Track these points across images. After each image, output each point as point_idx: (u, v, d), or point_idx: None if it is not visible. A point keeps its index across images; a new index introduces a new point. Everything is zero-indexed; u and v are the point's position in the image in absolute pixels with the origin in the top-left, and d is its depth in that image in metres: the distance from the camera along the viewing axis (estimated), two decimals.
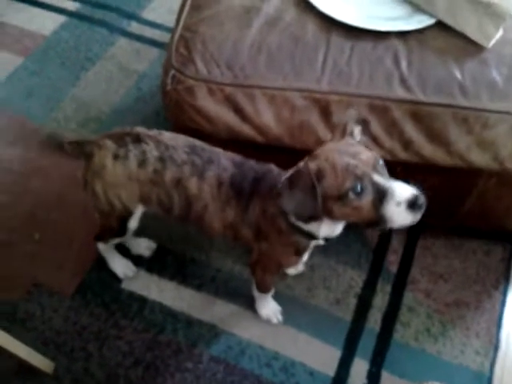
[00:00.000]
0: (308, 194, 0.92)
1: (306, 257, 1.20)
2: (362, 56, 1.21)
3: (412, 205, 0.88)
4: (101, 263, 1.50)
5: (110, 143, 1.16)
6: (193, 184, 1.13)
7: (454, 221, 1.45)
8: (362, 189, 0.90)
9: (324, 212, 0.96)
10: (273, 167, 1.15)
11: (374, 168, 0.92)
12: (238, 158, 1.16)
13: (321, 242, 1.14)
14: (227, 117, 1.23)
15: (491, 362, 1.38)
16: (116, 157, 1.15)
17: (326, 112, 1.20)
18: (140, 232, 1.37)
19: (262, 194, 1.11)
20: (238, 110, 1.22)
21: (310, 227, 1.06)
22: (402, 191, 0.89)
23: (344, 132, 1.00)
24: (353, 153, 0.93)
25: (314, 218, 1.00)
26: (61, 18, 2.15)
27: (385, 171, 0.95)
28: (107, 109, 1.87)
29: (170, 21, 1.53)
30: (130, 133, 1.17)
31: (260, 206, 1.11)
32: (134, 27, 2.12)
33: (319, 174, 0.92)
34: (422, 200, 0.89)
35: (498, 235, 1.56)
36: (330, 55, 1.21)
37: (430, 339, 1.41)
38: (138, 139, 1.15)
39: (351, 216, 0.95)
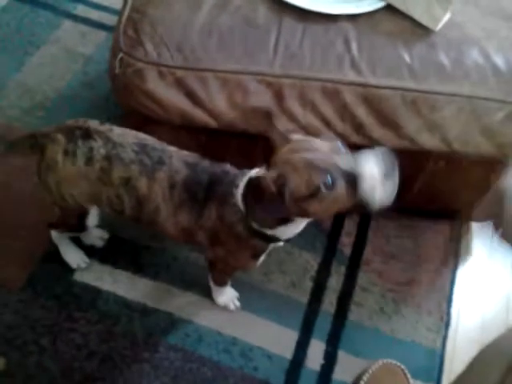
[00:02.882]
0: (276, 203, 0.89)
1: (262, 259, 1.18)
2: (313, 39, 1.20)
3: (386, 173, 0.85)
4: (51, 254, 1.45)
5: (61, 137, 1.10)
6: (142, 184, 1.09)
7: (405, 202, 1.47)
8: (332, 180, 0.86)
9: (299, 214, 0.94)
10: (228, 168, 1.11)
11: (335, 152, 0.89)
12: (191, 158, 1.12)
13: (280, 244, 1.12)
14: (179, 101, 1.20)
15: (443, 338, 1.43)
16: (66, 152, 1.10)
17: (279, 96, 1.19)
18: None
19: (219, 199, 1.06)
20: (190, 94, 1.20)
21: (276, 231, 1.03)
22: (371, 167, 0.86)
23: (286, 138, 0.95)
24: (308, 147, 0.90)
25: (285, 221, 0.97)
26: (2, 1, 2.03)
27: (345, 149, 0.92)
28: (53, 95, 1.80)
29: (116, 3, 1.47)
30: (81, 126, 1.11)
31: (216, 212, 1.07)
32: (80, 9, 2.03)
33: (280, 180, 0.89)
34: (392, 160, 0.85)
35: (447, 215, 1.61)
36: (281, 38, 1.20)
37: (384, 318, 1.45)
38: (87, 134, 1.10)
39: (331, 209, 0.92)
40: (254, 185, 0.93)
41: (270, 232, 1.03)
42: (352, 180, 0.87)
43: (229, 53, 1.18)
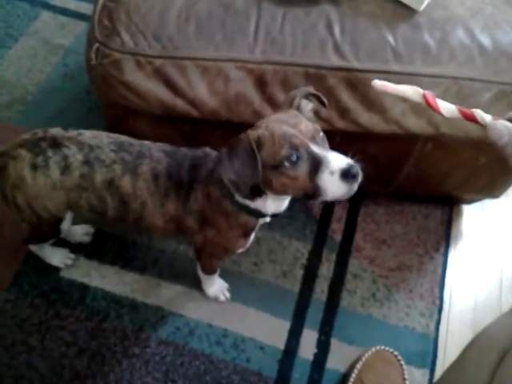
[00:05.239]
0: (248, 161, 0.89)
1: (252, 238, 1.17)
2: (294, 23, 1.17)
3: (346, 175, 0.87)
4: None
5: (24, 152, 1.05)
6: (126, 182, 1.07)
7: (394, 187, 1.46)
8: (297, 158, 0.88)
9: (263, 183, 0.94)
10: (208, 150, 1.10)
11: (313, 139, 0.91)
12: (168, 147, 1.11)
13: (267, 220, 1.12)
14: (159, 91, 1.17)
15: (436, 322, 1.42)
16: (34, 167, 1.05)
17: (261, 82, 1.16)
18: (74, 220, 1.30)
19: (203, 179, 1.06)
20: (170, 84, 1.16)
21: (257, 204, 1.03)
22: (337, 161, 0.88)
23: (291, 105, 0.97)
24: (293, 123, 0.91)
25: (258, 192, 0.98)
26: None
27: (325, 144, 0.94)
28: (33, 88, 1.76)
29: None
30: (45, 137, 1.07)
31: (203, 193, 1.07)
32: (58, 0, 1.98)
33: (258, 142, 0.90)
34: (357, 170, 0.87)
35: (436, 199, 1.60)
36: (262, 23, 1.16)
37: (376, 304, 1.44)
38: (55, 143, 1.06)
39: (288, 187, 0.93)
40: (233, 141, 0.92)
41: (253, 205, 1.03)
42: (315, 165, 0.89)
43: (208, 40, 1.15)
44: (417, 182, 1.46)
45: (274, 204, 1.05)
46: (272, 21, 1.17)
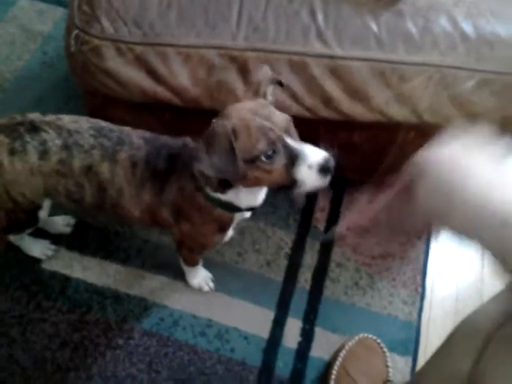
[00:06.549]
0: (227, 156, 0.87)
1: (230, 233, 1.15)
2: (277, 10, 1.15)
3: (322, 168, 0.87)
4: None
5: (1, 137, 1.03)
6: (105, 169, 1.04)
7: (377, 176, 1.46)
8: (274, 152, 0.87)
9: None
10: (188, 141, 1.08)
11: (287, 131, 0.90)
12: (148, 134, 1.09)
13: (246, 215, 1.10)
14: (140, 79, 1.15)
15: (418, 310, 1.43)
16: (12, 152, 1.02)
17: (243, 70, 1.15)
18: (55, 210, 1.28)
19: (179, 171, 1.04)
20: (151, 71, 1.14)
21: (229, 197, 1.01)
22: (314, 155, 0.88)
23: (257, 91, 0.95)
24: (266, 115, 0.89)
25: (227, 185, 0.96)
26: None
27: (295, 134, 0.93)
28: (11, 76, 1.72)
29: None
30: (23, 122, 1.04)
31: (177, 185, 1.04)
32: None
33: (234, 134, 0.87)
34: (332, 163, 0.88)
35: None
36: (244, 10, 1.15)
37: (359, 292, 1.45)
38: (34, 128, 1.03)
39: (264, 180, 0.92)
40: (209, 133, 0.89)
41: (224, 198, 1.01)
42: (292, 159, 0.88)
43: (190, 26, 1.13)
44: (399, 170, 1.46)
45: (248, 197, 1.02)
46: (255, 8, 1.15)
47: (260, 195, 1.05)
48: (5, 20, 1.85)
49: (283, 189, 0.94)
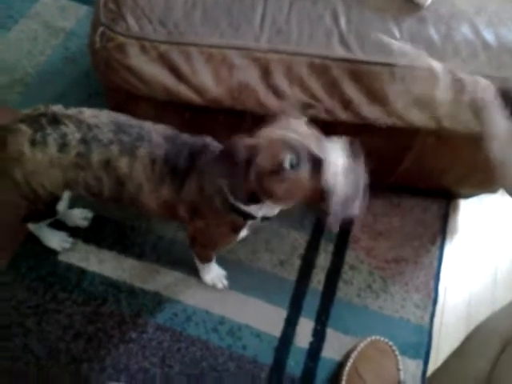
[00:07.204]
0: (239, 168, 0.87)
1: (243, 233, 1.16)
2: (301, 13, 1.17)
3: (349, 166, 0.86)
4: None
5: (24, 127, 1.05)
6: (123, 164, 1.06)
7: (393, 180, 1.47)
8: (297, 160, 0.85)
9: (264, 194, 0.92)
10: (208, 141, 1.09)
11: (311, 141, 0.88)
12: (169, 131, 1.10)
13: (258, 222, 1.11)
14: (162, 76, 1.17)
15: (430, 314, 1.44)
16: (33, 142, 1.04)
17: (265, 71, 1.16)
18: (73, 203, 1.30)
19: (199, 171, 1.05)
20: (174, 70, 1.16)
21: (250, 208, 1.02)
22: (337, 156, 0.86)
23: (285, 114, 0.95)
24: (292, 128, 0.90)
25: (256, 200, 0.96)
26: None
27: (322, 142, 0.90)
28: (33, 70, 1.74)
29: None
30: (46, 113, 1.06)
31: (196, 184, 1.06)
32: None
33: (253, 149, 0.87)
34: (361, 169, 0.87)
35: (434, 193, 1.61)
36: (268, 12, 1.16)
37: (372, 295, 1.45)
38: (55, 120, 1.05)
39: (292, 193, 0.90)
40: (227, 147, 0.91)
41: (243, 207, 1.02)
42: (316, 166, 0.86)
43: (213, 26, 1.15)
44: (416, 176, 1.47)
45: (267, 210, 1.04)
46: (278, 10, 1.17)
47: (277, 208, 1.05)
48: (28, 16, 1.87)
49: (315, 206, 0.90)
